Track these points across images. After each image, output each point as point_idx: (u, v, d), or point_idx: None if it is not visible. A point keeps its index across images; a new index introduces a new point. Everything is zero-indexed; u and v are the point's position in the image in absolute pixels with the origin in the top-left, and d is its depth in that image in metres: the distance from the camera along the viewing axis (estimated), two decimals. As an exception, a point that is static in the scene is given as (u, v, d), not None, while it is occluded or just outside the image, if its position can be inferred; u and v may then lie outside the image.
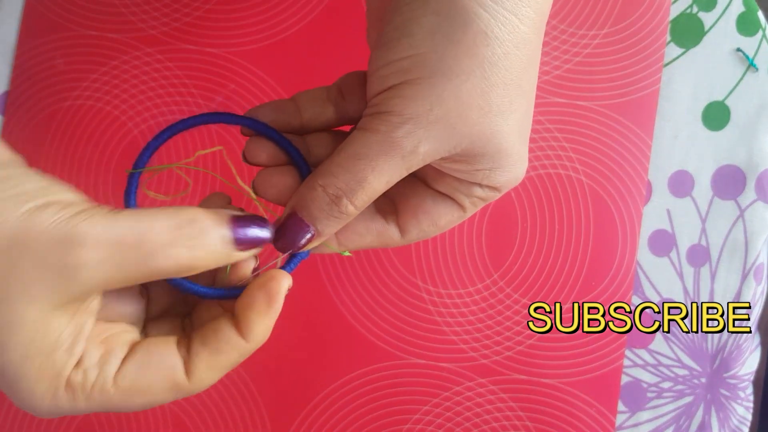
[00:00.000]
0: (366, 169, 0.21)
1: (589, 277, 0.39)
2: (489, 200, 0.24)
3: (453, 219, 0.24)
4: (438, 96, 0.20)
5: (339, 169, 0.21)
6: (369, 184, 0.21)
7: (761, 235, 0.39)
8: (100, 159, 0.40)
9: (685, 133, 0.40)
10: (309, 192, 0.22)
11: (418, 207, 0.24)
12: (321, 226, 0.22)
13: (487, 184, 0.22)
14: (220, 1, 0.40)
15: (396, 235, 0.24)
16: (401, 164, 0.21)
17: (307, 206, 0.22)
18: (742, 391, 0.40)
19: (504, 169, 0.22)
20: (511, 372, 0.38)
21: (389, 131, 0.20)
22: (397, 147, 0.20)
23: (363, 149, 0.21)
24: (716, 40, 0.40)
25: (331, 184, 0.21)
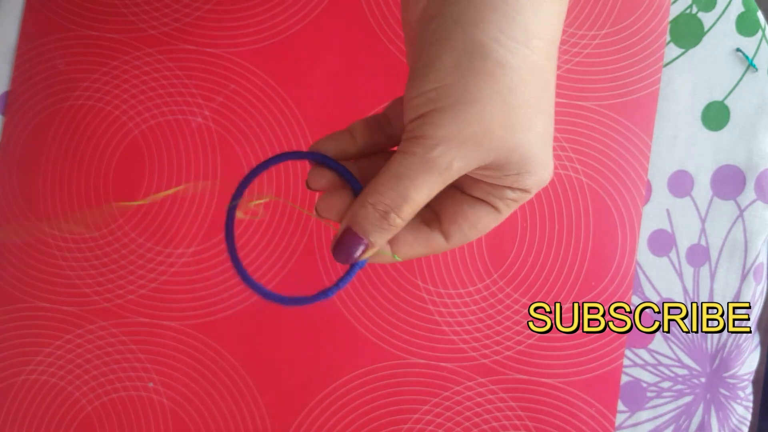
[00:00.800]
0: (408, 186, 0.24)
1: (588, 277, 0.39)
2: (521, 201, 0.26)
3: (490, 221, 0.27)
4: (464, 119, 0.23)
5: (384, 188, 0.24)
6: (412, 199, 0.24)
7: (761, 234, 0.40)
8: (101, 159, 0.40)
9: (684, 133, 0.40)
10: (360, 209, 0.25)
11: (457, 213, 0.26)
12: (373, 238, 0.25)
13: (517, 187, 0.25)
14: (221, 2, 0.40)
15: (441, 241, 0.27)
16: (438, 179, 0.24)
17: (360, 222, 0.25)
18: (742, 391, 0.40)
19: (530, 173, 0.25)
20: (511, 372, 0.38)
21: (425, 153, 0.23)
22: (434, 165, 0.23)
23: (404, 169, 0.24)
24: (716, 41, 0.40)
25: (379, 202, 0.24)
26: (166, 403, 0.39)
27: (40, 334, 0.39)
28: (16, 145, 0.40)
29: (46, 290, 0.39)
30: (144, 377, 0.39)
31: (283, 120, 0.40)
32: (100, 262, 0.39)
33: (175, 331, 0.39)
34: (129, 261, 0.39)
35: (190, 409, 0.39)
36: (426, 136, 0.23)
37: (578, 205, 0.39)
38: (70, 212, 0.40)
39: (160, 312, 0.39)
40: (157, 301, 0.39)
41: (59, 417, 0.39)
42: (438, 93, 0.23)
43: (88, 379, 0.39)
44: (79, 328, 0.39)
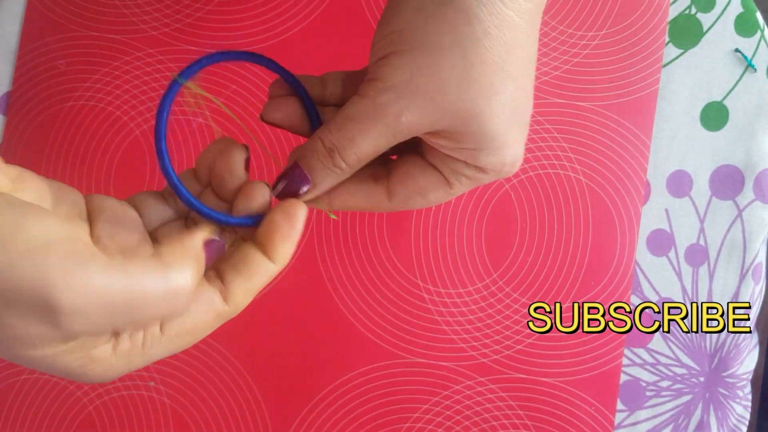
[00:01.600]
0: (354, 129, 0.23)
1: (588, 277, 0.39)
2: (478, 182, 0.25)
3: (440, 195, 0.25)
4: (418, 67, 0.21)
5: (334, 126, 0.23)
6: (357, 144, 0.23)
7: (759, 234, 0.40)
8: (102, 159, 0.40)
9: (683, 134, 0.40)
10: (310, 143, 0.24)
11: (407, 174, 0.25)
12: (317, 178, 0.24)
13: (472, 164, 0.24)
14: (222, 2, 0.40)
15: (383, 199, 0.26)
16: (386, 130, 0.22)
17: (307, 156, 0.24)
18: (741, 390, 0.40)
19: (489, 151, 0.23)
20: (510, 371, 0.38)
21: (375, 96, 0.22)
22: (381, 112, 0.22)
23: (354, 112, 0.23)
24: (715, 41, 0.40)
25: (326, 138, 0.23)
26: (167, 402, 0.39)
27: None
28: (18, 146, 0.40)
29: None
30: (145, 376, 0.39)
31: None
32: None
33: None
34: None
35: (191, 408, 0.39)
36: (379, 78, 0.22)
37: (577, 205, 0.39)
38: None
39: (160, 311, 0.39)
40: (157, 301, 0.39)
41: (60, 416, 0.39)
42: (398, 36, 0.22)
43: (89, 379, 0.39)
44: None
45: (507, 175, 0.25)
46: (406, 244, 0.39)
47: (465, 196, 0.39)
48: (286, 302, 0.39)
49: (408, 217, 0.39)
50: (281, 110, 0.26)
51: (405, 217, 0.39)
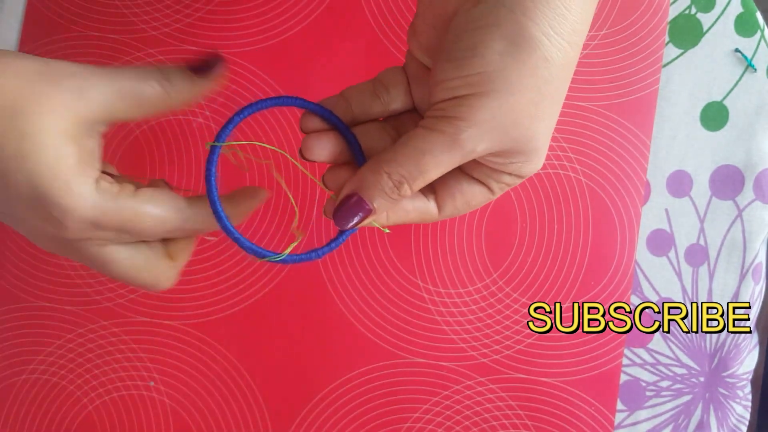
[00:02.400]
0: (429, 162, 0.24)
1: (588, 277, 0.39)
2: (513, 185, 0.28)
3: (482, 200, 0.28)
4: (500, 107, 0.23)
5: (405, 159, 0.25)
6: (429, 175, 0.25)
7: (759, 234, 0.40)
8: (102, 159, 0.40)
9: (683, 134, 0.40)
10: (373, 176, 0.25)
11: (454, 189, 0.27)
12: (378, 204, 0.26)
13: (516, 174, 0.26)
14: (222, 2, 0.40)
15: (434, 211, 0.28)
16: (459, 159, 0.25)
17: (369, 188, 0.25)
18: (741, 390, 0.40)
19: (531, 162, 0.26)
20: (510, 371, 0.38)
21: (455, 133, 0.24)
22: (460, 147, 0.24)
23: (429, 146, 0.24)
24: (715, 41, 0.40)
25: (395, 172, 0.25)
26: (167, 402, 0.39)
27: (41, 333, 0.40)
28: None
29: (47, 290, 0.40)
30: (145, 376, 0.39)
31: (284, 120, 0.40)
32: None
33: (176, 330, 0.39)
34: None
35: (191, 407, 0.39)
36: (460, 117, 0.23)
37: (577, 205, 0.39)
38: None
39: (161, 311, 0.39)
40: (158, 301, 0.39)
41: (60, 416, 0.39)
42: (481, 78, 0.23)
43: (89, 378, 0.39)
44: (81, 328, 0.39)
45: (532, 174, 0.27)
46: (406, 244, 0.39)
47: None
48: (286, 302, 0.39)
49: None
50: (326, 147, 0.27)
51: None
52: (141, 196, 0.25)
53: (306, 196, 0.40)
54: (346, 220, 0.26)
